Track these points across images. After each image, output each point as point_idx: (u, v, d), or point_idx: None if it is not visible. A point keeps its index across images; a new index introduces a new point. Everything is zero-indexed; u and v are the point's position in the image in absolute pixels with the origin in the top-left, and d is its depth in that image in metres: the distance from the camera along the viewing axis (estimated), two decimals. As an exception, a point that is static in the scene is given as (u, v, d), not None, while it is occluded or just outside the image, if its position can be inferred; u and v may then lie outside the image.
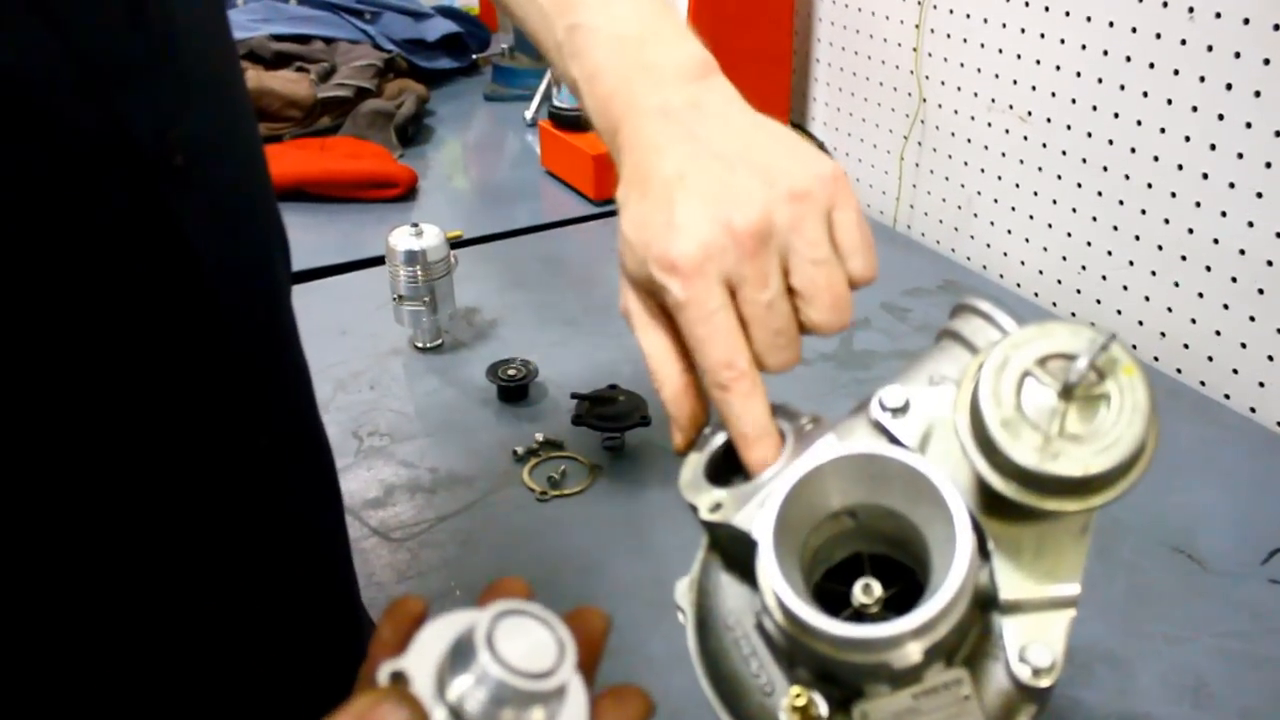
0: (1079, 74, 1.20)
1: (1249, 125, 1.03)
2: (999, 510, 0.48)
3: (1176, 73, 1.09)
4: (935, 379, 0.53)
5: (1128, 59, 1.14)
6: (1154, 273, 1.17)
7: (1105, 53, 1.16)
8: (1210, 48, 1.04)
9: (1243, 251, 1.07)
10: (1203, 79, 1.06)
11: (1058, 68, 1.22)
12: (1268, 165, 1.02)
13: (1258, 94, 1.01)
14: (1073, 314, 1.29)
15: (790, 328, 0.49)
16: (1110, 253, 1.22)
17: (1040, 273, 1.32)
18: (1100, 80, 1.17)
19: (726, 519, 0.50)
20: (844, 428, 0.53)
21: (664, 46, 0.48)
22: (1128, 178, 1.17)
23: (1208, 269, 1.11)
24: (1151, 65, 1.11)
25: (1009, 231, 1.36)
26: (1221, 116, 1.05)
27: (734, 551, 0.51)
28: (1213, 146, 1.07)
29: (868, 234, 0.50)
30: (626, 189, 0.48)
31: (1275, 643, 0.80)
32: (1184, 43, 1.07)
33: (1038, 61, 1.25)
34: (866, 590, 0.48)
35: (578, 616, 0.37)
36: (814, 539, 0.50)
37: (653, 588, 0.79)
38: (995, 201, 1.37)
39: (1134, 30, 1.12)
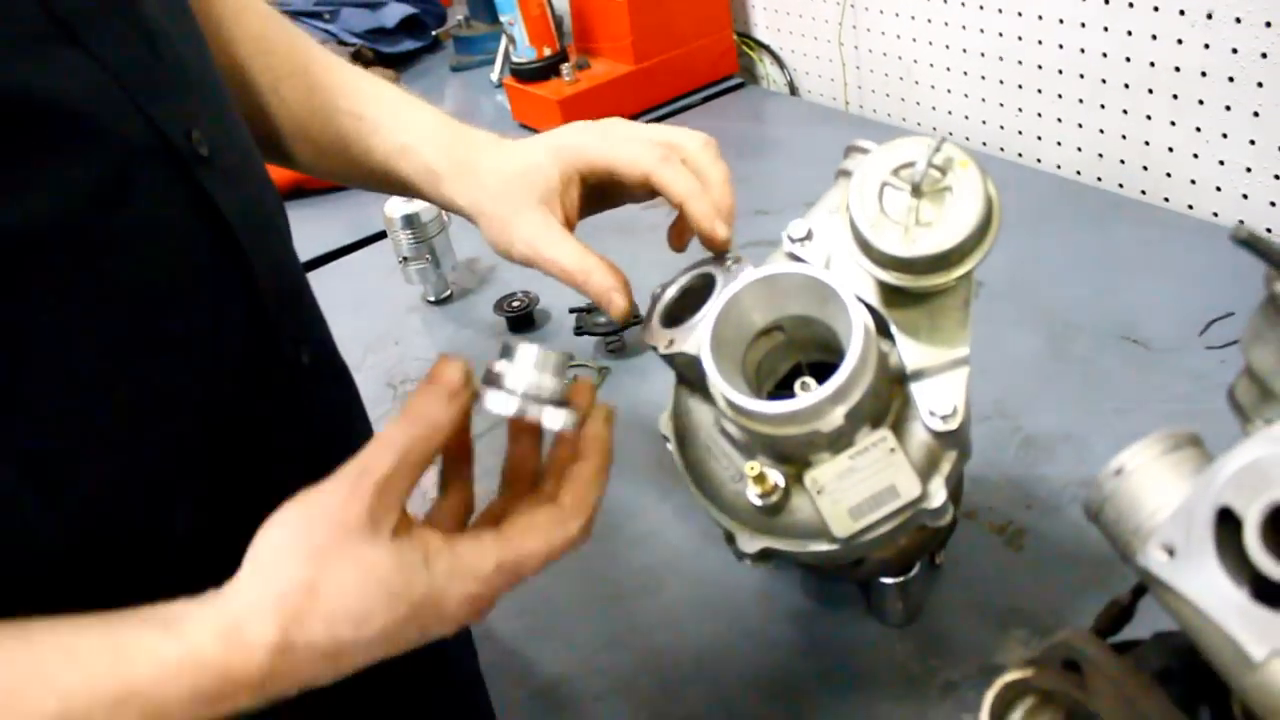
0: (981, -69, 1.29)
1: (1134, -54, 1.12)
2: (895, 300, 0.59)
3: (1063, -88, 1.17)
4: (832, 209, 0.64)
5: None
6: (1081, 100, 1.26)
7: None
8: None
9: (1152, 64, 1.16)
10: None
11: (961, -71, 1.31)
12: (1157, -21, 1.11)
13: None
14: (1019, 154, 1.38)
15: None
16: (1040, 90, 1.31)
17: (983, 122, 1.41)
18: (1000, -67, 1.26)
19: (679, 349, 0.61)
20: (768, 261, 0.64)
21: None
22: (1041, 18, 1.26)
23: (1126, 87, 1.20)
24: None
25: (949, 91, 1.45)
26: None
27: (692, 376, 0.63)
28: (1107, -27, 1.16)
29: None
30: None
31: (1213, 398, 0.89)
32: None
33: (943, -73, 1.33)
34: (804, 386, 0.60)
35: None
36: (754, 354, 0.62)
37: (660, 466, 0.90)
38: (931, 66, 1.46)
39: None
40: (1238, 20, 1.06)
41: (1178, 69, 1.14)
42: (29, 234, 0.42)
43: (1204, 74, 1.12)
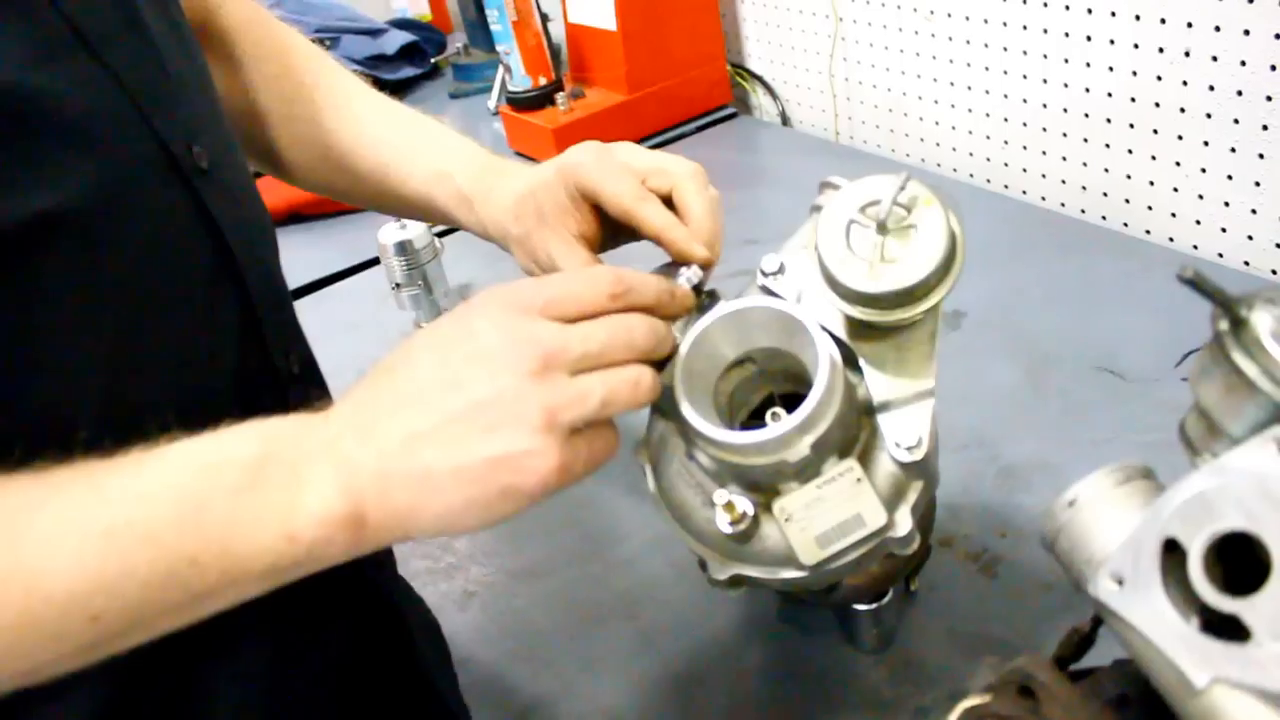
0: (967, -32, 1.31)
1: (1114, -15, 1.14)
2: (863, 334, 0.61)
3: (1046, -50, 1.20)
4: (805, 244, 0.65)
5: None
6: (1065, 134, 1.29)
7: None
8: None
9: (1133, 99, 1.18)
10: (1068, -49, 1.17)
11: (948, -34, 1.34)
12: (1137, 18, 1.13)
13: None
14: (1005, 186, 1.40)
15: None
16: (1025, 124, 1.33)
17: (970, 155, 1.44)
18: (985, -30, 1.29)
19: (651, 380, 0.63)
20: (745, 294, 0.66)
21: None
22: (1025, 53, 1.28)
23: (1108, 121, 1.22)
24: (1024, -52, 1.22)
25: (937, 123, 1.47)
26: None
27: (667, 406, 0.64)
28: (1067, 6, 1.18)
29: None
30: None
31: (1187, 427, 0.92)
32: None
33: (930, -36, 1.36)
34: (774, 417, 0.61)
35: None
36: (725, 385, 0.63)
37: (638, 492, 0.91)
38: (920, 99, 1.48)
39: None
40: (1214, 59, 1.08)
41: (1157, 104, 1.16)
42: (33, 231, 0.45)
43: (1183, 110, 1.14)
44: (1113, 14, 1.16)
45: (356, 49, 2.10)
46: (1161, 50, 1.13)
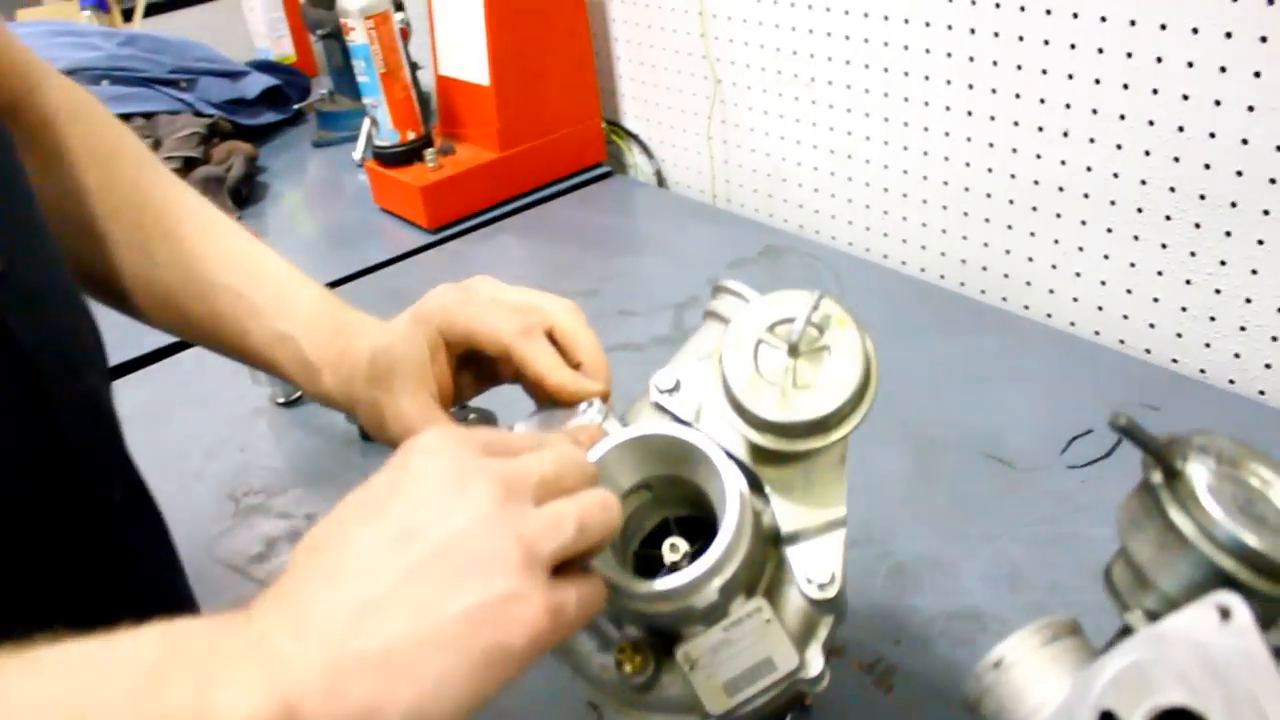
0: (847, 37, 1.30)
1: (995, 63, 1.14)
2: (768, 458, 0.56)
3: (928, 25, 1.19)
4: (700, 355, 0.61)
5: (885, 18, 1.24)
6: (944, 207, 1.28)
7: (866, 14, 1.26)
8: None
9: (1013, 176, 1.18)
10: (949, 27, 1.17)
11: (829, 34, 1.32)
12: (1017, 96, 1.13)
13: (996, 34, 1.13)
14: (884, 256, 1.39)
15: None
16: (905, 195, 1.33)
17: (850, 223, 1.42)
18: (866, 40, 1.28)
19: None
20: (633, 412, 0.61)
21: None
22: (906, 124, 1.28)
23: (987, 196, 1.22)
24: (906, 20, 1.22)
25: (815, 190, 1.45)
26: (996, 63, 1.15)
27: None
28: (948, 81, 1.18)
29: None
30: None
31: (1074, 521, 0.90)
32: (926, -2, 1.18)
33: (810, 31, 1.34)
34: (673, 548, 0.56)
35: None
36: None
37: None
38: (799, 165, 1.46)
39: (883, -8, 1.22)
40: (1091, 140, 1.09)
41: (1036, 182, 1.16)
42: None
43: (1061, 189, 1.14)
44: (993, 90, 1.16)
45: (215, 91, 1.99)
46: (1041, 129, 1.13)
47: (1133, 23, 1.00)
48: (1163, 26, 0.98)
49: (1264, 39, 0.91)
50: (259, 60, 2.23)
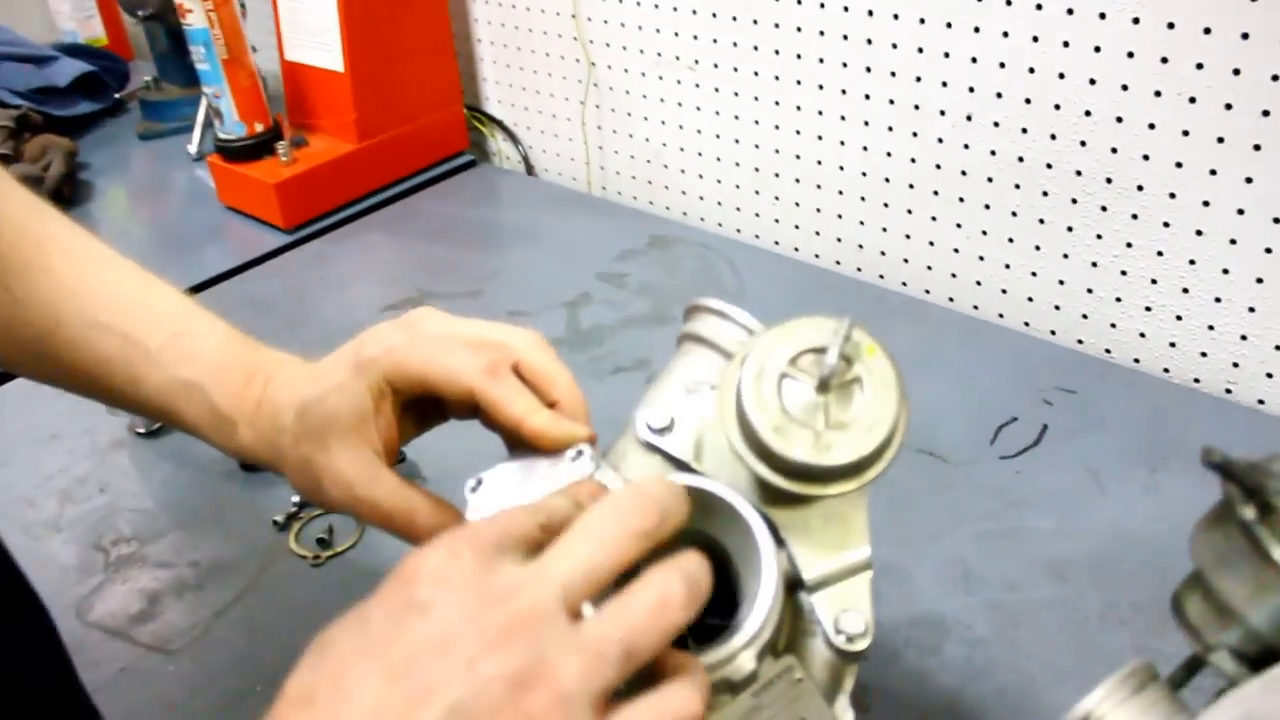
0: (735, 18, 1.25)
1: (894, 46, 1.11)
2: (783, 499, 0.51)
3: (823, 6, 1.15)
4: (690, 386, 0.54)
5: (774, -2, 1.20)
6: (841, 191, 1.25)
7: (752, -5, 1.22)
8: (845, -22, 1.12)
9: (913, 160, 1.16)
10: (845, 9, 1.13)
11: (714, 15, 1.27)
12: (918, 79, 1.11)
13: (896, 16, 1.09)
14: (775, 242, 1.36)
15: None
16: (798, 179, 1.29)
17: (737, 209, 1.38)
18: (755, 21, 1.23)
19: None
20: (616, 454, 0.54)
21: None
22: (799, 108, 1.24)
23: (886, 180, 1.20)
24: (799, 0, 1.17)
25: (700, 176, 1.41)
26: (895, 45, 1.12)
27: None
28: (844, 64, 1.15)
29: None
30: None
31: (1016, 515, 0.89)
32: (821, -23, 1.14)
33: (694, 11, 1.29)
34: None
35: None
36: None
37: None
38: (681, 150, 1.41)
39: (774, -29, 1.18)
40: (995, 124, 1.07)
41: (938, 166, 1.14)
42: None
43: (964, 173, 1.12)
44: (892, 74, 1.13)
45: (20, 79, 1.79)
46: (943, 113, 1.11)
47: (1039, 7, 0.98)
48: (1069, 11, 0.96)
49: (1171, 25, 0.90)
50: (65, 44, 2.02)
